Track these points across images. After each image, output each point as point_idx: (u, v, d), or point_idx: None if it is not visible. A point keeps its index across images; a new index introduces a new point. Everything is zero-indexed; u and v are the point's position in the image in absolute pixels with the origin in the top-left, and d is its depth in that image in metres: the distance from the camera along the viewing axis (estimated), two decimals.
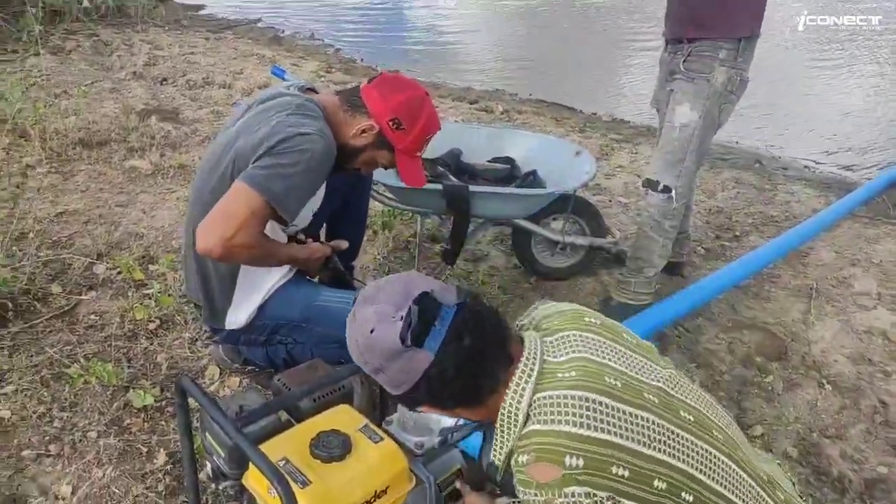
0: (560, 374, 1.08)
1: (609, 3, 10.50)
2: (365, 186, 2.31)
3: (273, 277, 1.90)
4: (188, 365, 2.16)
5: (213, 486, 1.40)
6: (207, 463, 1.41)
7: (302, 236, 1.99)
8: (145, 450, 1.82)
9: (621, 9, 10.09)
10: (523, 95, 6.11)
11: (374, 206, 3.01)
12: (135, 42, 6.29)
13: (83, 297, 2.45)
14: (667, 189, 2.38)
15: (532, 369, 1.09)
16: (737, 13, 2.21)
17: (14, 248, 2.64)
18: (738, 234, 3.45)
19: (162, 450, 1.82)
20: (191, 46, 6.38)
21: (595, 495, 0.95)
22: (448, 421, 1.42)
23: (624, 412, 1.03)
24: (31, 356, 2.12)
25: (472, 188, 2.48)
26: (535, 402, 1.06)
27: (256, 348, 2.01)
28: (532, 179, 2.81)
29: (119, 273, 2.57)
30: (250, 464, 1.19)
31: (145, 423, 1.90)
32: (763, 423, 2.15)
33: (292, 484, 1.15)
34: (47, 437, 1.83)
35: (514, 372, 1.10)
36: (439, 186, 2.47)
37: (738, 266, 2.86)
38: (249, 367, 2.11)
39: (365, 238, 2.97)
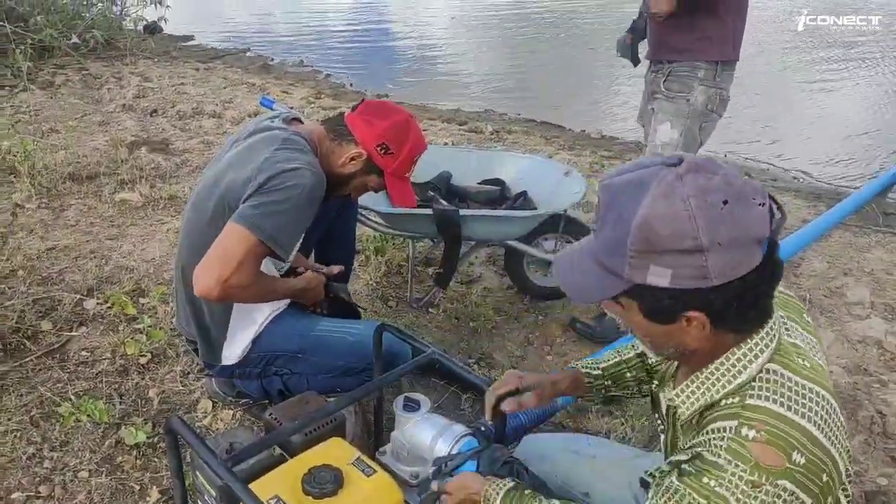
0: (796, 358, 0.99)
1: (597, 23, 10.64)
2: (351, 212, 2.31)
3: (267, 310, 1.89)
4: (180, 399, 2.14)
5: None
6: (199, 503, 1.39)
7: (302, 270, 1.99)
8: (138, 488, 1.80)
9: (609, 28, 10.22)
10: (512, 115, 6.16)
11: (367, 232, 3.02)
12: (124, 75, 6.32)
13: (74, 333, 2.43)
14: None
15: (774, 337, 0.99)
16: (708, 41, 2.27)
17: (3, 286, 2.62)
18: None
19: (154, 487, 1.79)
20: (180, 77, 6.42)
21: (798, 497, 0.90)
22: (441, 449, 1.41)
23: (842, 422, 0.98)
24: (21, 395, 2.09)
25: (462, 211, 2.48)
26: (765, 370, 0.97)
27: (251, 381, 1.99)
28: (523, 200, 2.82)
29: (110, 308, 2.56)
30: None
31: (137, 461, 1.88)
32: None
33: None
34: (38, 479, 1.80)
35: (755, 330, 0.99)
36: (429, 211, 2.47)
37: None
38: (243, 400, 2.09)
39: (358, 263, 2.97)
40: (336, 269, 2.06)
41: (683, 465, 0.97)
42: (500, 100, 6.69)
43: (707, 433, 0.96)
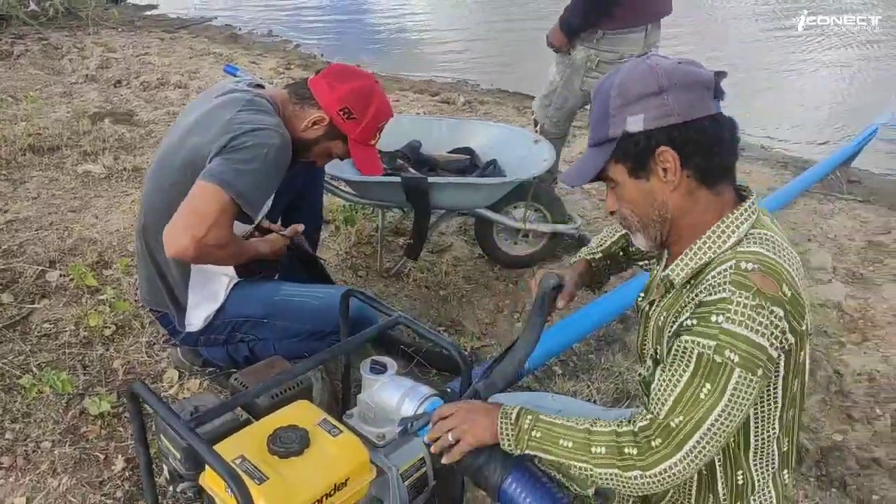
0: (774, 228, 1.14)
1: None
2: (318, 179, 2.29)
3: (226, 277, 1.87)
4: (146, 370, 2.12)
5: (171, 488, 1.37)
6: (165, 466, 1.39)
7: (266, 222, 1.96)
8: (103, 457, 1.78)
9: None
10: (485, 86, 6.12)
11: (336, 202, 2.99)
12: (86, 45, 6.12)
13: (36, 305, 2.38)
14: (536, 122, 3.01)
15: (755, 211, 1.14)
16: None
17: None
18: None
19: (120, 456, 1.78)
20: (145, 47, 6.24)
21: (785, 330, 1.02)
22: (408, 410, 1.42)
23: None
24: None
25: (431, 179, 2.47)
26: (750, 234, 1.11)
27: (217, 348, 1.98)
28: (492, 169, 2.81)
29: (72, 280, 2.51)
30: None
31: (102, 430, 1.86)
32: None
33: (248, 481, 1.13)
34: None
35: (736, 201, 1.15)
36: (398, 179, 2.46)
37: None
38: (210, 369, 2.08)
39: (327, 233, 2.95)
40: (300, 227, 2.03)
41: (686, 322, 1.07)
42: (473, 70, 6.63)
43: (704, 282, 1.08)
